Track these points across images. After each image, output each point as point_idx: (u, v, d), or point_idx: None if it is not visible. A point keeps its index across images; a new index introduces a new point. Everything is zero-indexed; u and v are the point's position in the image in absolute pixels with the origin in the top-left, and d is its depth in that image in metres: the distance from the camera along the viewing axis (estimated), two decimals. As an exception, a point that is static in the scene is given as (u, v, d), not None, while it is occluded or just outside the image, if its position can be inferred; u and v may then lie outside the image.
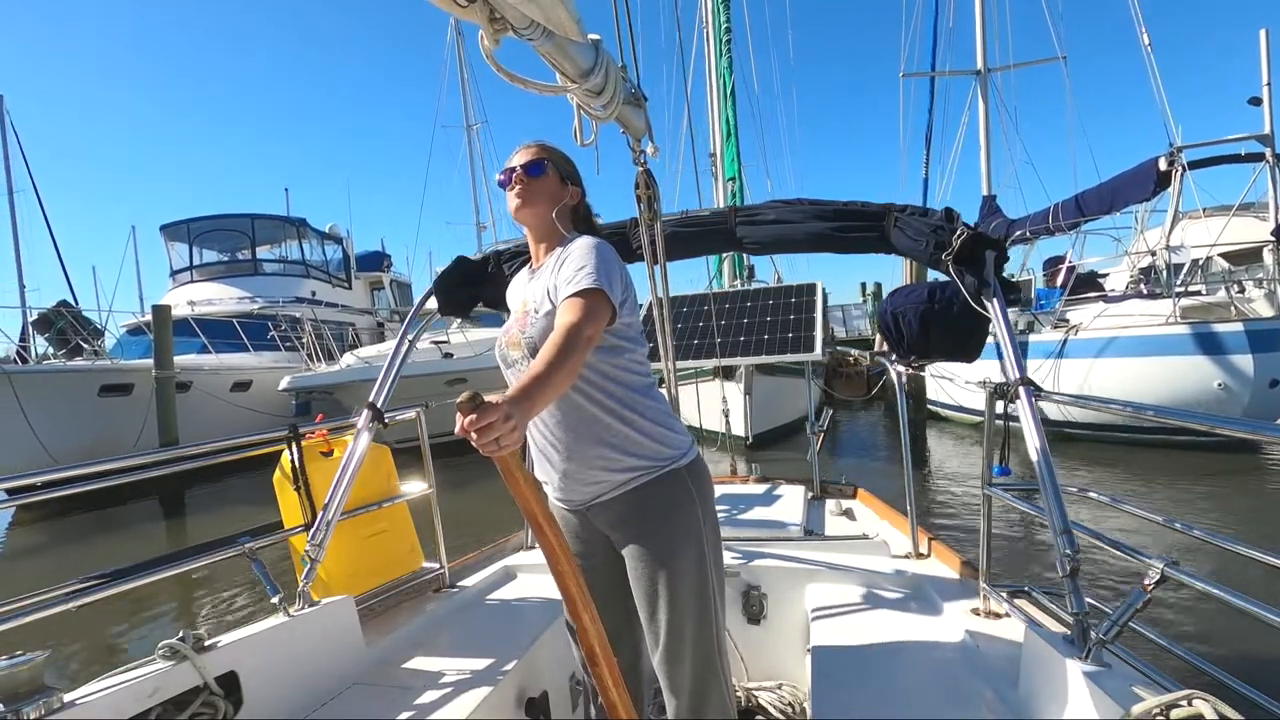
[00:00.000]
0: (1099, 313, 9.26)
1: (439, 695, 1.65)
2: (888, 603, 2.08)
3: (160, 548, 7.67)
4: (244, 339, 13.27)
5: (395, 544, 2.32)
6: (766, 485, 3.47)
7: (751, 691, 2.23)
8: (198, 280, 16.34)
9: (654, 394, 1.49)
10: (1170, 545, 4.54)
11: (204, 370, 11.96)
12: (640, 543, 1.43)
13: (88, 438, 9.92)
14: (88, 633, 4.73)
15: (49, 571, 7.04)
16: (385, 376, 2.22)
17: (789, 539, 2.62)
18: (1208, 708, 1.01)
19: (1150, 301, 8.95)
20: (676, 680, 1.43)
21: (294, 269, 17.41)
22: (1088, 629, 1.34)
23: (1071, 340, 9.16)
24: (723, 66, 11.79)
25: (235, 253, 17.25)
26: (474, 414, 0.95)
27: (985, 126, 14.34)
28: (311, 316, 14.36)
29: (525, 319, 1.43)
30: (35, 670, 1.26)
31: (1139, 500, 6.39)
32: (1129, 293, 9.70)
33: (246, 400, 12.40)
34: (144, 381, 10.38)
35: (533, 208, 1.49)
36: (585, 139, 1.74)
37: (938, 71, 14.98)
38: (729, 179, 12.08)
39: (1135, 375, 8.49)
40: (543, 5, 1.28)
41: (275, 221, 17.66)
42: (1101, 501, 1.72)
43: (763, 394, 9.83)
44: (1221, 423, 1.33)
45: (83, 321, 11.82)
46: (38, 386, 9.50)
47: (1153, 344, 8.46)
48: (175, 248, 16.90)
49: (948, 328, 2.05)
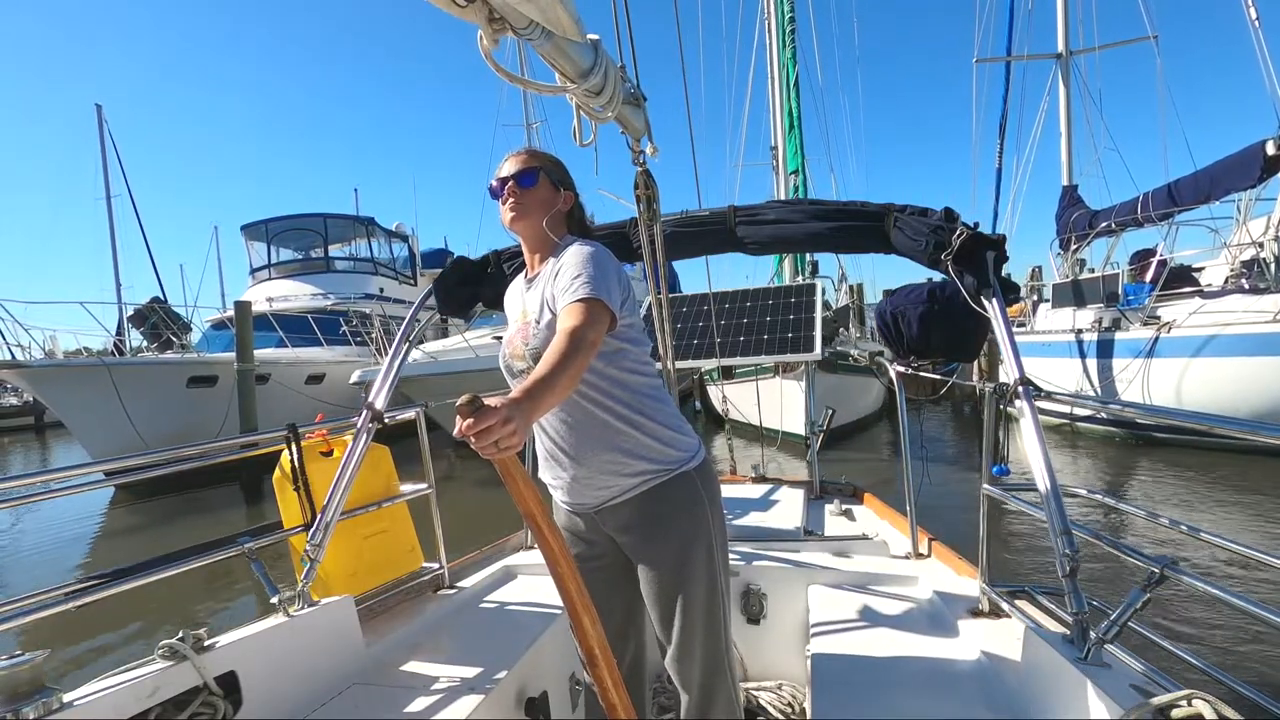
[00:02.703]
0: (1195, 309, 8.61)
1: (438, 695, 1.64)
2: (888, 603, 2.08)
3: (240, 526, 8.11)
4: (317, 334, 13.88)
5: (395, 544, 2.31)
6: (767, 486, 3.47)
7: (751, 691, 2.22)
8: (275, 277, 17.21)
9: (661, 396, 1.48)
10: (1169, 545, 4.51)
11: (281, 363, 12.55)
12: (652, 545, 1.43)
13: (177, 425, 10.56)
14: (88, 633, 4.79)
15: (146, 546, 7.53)
16: (384, 376, 2.22)
17: (789, 539, 2.62)
18: (1207, 708, 1.01)
19: (1254, 297, 8.25)
20: (687, 679, 1.45)
21: (363, 266, 18.12)
22: (1087, 629, 1.34)
23: (1164, 338, 8.56)
24: (786, 57, 11.54)
25: (309, 251, 18.07)
26: (473, 417, 0.95)
27: (1066, 113, 13.56)
28: (380, 312, 14.89)
29: (527, 329, 1.44)
30: (35, 670, 1.25)
31: (1141, 500, 6.05)
32: (1229, 288, 8.98)
33: (320, 392, 12.97)
34: (227, 373, 10.97)
35: (526, 219, 1.48)
36: (584, 139, 1.74)
37: (1014, 56, 14.27)
38: (791, 172, 11.82)
39: (1236, 376, 7.87)
40: (541, 5, 1.28)
41: (346, 221, 18.43)
42: (1101, 501, 1.74)
43: (824, 391, 9.60)
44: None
45: (173, 317, 12.61)
46: (133, 378, 10.17)
47: (1257, 343, 7.80)
48: (254, 246, 17.84)
49: (947, 327, 2.07)
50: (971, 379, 10.21)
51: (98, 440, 10.19)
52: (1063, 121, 13.63)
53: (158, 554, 1.59)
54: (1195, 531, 1.36)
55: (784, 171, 12.12)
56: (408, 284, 19.50)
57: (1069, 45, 13.60)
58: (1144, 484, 7.29)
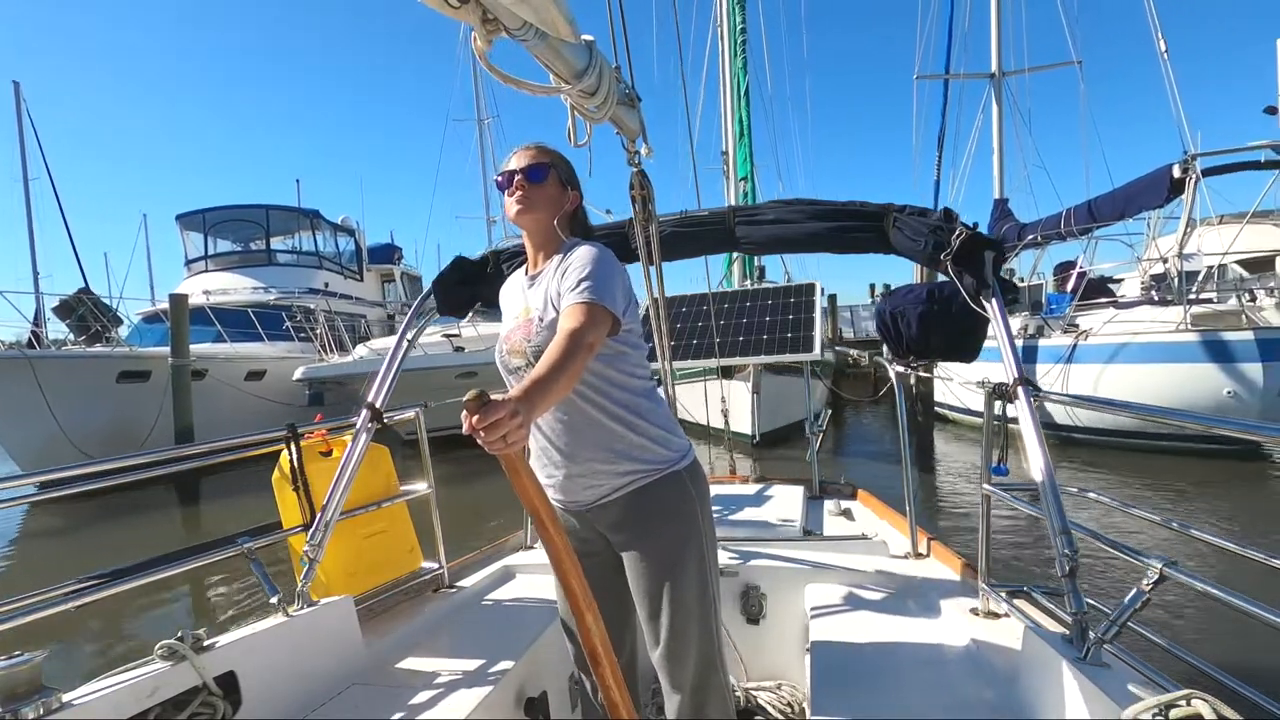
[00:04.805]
0: (1109, 318, 9.27)
1: (438, 695, 1.65)
2: (887, 603, 2.08)
3: (175, 532, 7.81)
4: (259, 328, 13.43)
5: (394, 544, 2.31)
6: (766, 485, 3.45)
7: (750, 691, 2.22)
8: (212, 270, 16.53)
9: (655, 397, 1.51)
10: (1168, 545, 4.54)
11: (219, 359, 12.10)
12: (642, 544, 1.45)
13: (105, 422, 10.08)
14: (88, 633, 4.73)
15: (68, 553, 7.19)
16: (384, 376, 2.21)
17: (788, 539, 2.61)
18: (1206, 708, 1.01)
19: (1161, 308, 8.95)
20: (678, 678, 1.45)
21: (307, 260, 17.58)
22: (1087, 629, 1.35)
23: (1081, 345, 9.19)
24: (737, 67, 11.82)
25: (249, 243, 17.42)
26: (481, 412, 0.95)
27: (999, 130, 14.32)
28: (325, 307, 14.50)
29: (529, 326, 1.44)
30: (34, 670, 1.25)
31: (1139, 501, 6.48)
32: (1140, 299, 9.70)
33: (260, 389, 12.55)
34: (161, 369, 10.51)
35: (533, 214, 1.48)
36: (579, 140, 1.73)
37: (952, 74, 14.94)
38: (741, 178, 12.12)
39: (1144, 382, 8.51)
40: (535, 6, 1.27)
41: (289, 212, 17.83)
42: (1100, 502, 1.73)
43: (770, 393, 9.89)
44: (1221, 423, 1.36)
45: (103, 308, 12.00)
46: (59, 371, 9.66)
47: (1163, 351, 8.47)
48: (190, 237, 17.09)
49: (946, 328, 2.05)
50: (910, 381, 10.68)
51: (18, 438, 9.65)
52: (995, 138, 14.38)
53: (82, 557, 1.57)
54: (1186, 528, 1.36)
55: (734, 177, 12.42)
56: (354, 279, 19.03)
57: (1002, 66, 14.36)
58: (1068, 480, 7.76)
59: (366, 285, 19.84)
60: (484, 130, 23.77)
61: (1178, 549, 4.60)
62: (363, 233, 20.50)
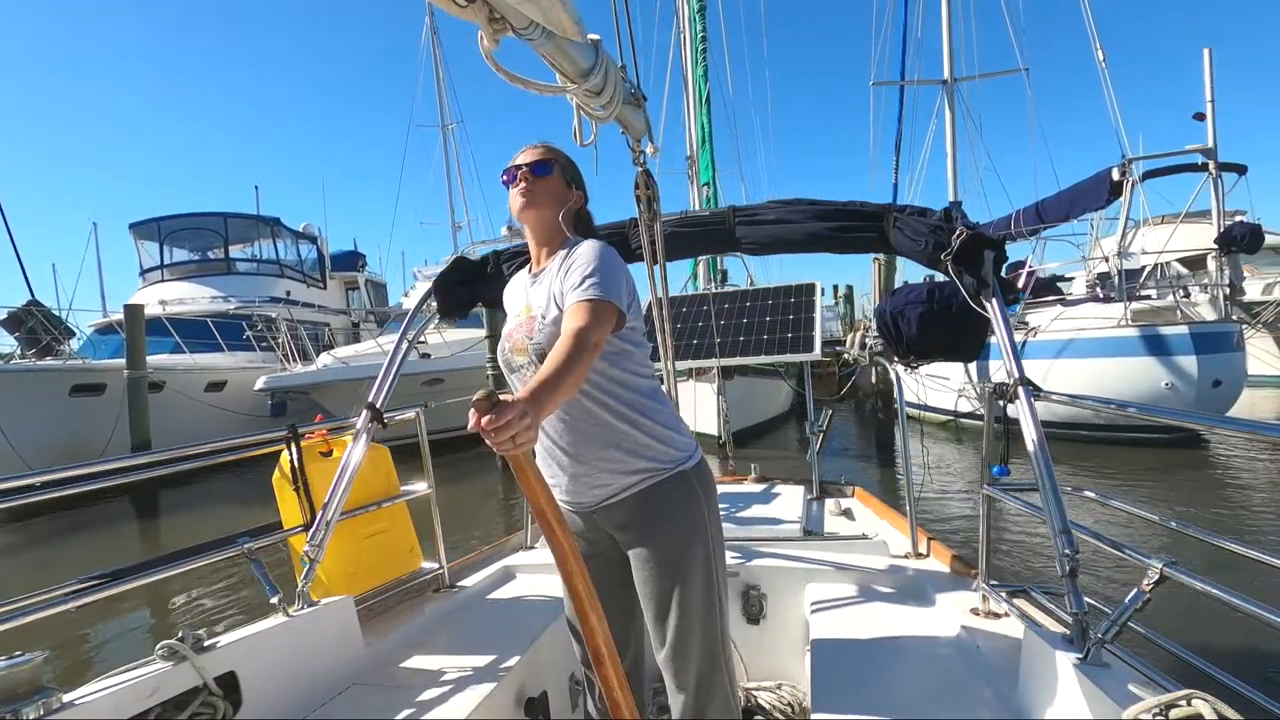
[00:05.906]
0: (1056, 315, 9.70)
1: (438, 695, 1.64)
2: (887, 602, 2.08)
3: (134, 546, 7.65)
4: (218, 339, 13.18)
5: (395, 544, 2.31)
6: (766, 485, 3.44)
7: (751, 691, 2.21)
8: (169, 279, 16.16)
9: (659, 396, 1.49)
10: (1168, 544, 4.55)
11: (177, 370, 11.85)
12: (649, 544, 1.43)
13: (59, 438, 9.78)
14: (88, 633, 4.70)
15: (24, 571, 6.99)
16: (384, 376, 2.21)
17: (788, 539, 2.60)
18: (1207, 708, 1.01)
19: (1104, 305, 9.40)
20: (683, 678, 1.43)
21: (268, 268, 17.28)
22: (1087, 629, 1.34)
23: (1031, 342, 9.58)
24: (698, 74, 12.01)
25: (207, 252, 17.06)
26: (491, 412, 0.95)
27: (951, 134, 14.78)
28: (287, 316, 14.27)
29: (531, 324, 1.43)
30: (34, 670, 1.25)
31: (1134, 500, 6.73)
32: (1086, 296, 10.16)
33: (221, 400, 12.30)
34: (116, 381, 10.28)
35: (537, 209, 1.47)
36: (585, 139, 1.73)
37: (907, 80, 15.37)
38: (704, 184, 12.31)
39: (1090, 375, 8.91)
40: (542, 5, 1.28)
41: (248, 220, 17.50)
42: (1101, 501, 1.71)
43: (735, 395, 10.07)
44: (1222, 423, 1.47)
45: (54, 321, 11.64)
46: (8, 386, 9.36)
47: (1106, 346, 8.90)
48: (145, 246, 16.67)
49: (946, 328, 2.06)
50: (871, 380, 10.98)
51: (-38, 455, 9.30)
52: (949, 142, 14.84)
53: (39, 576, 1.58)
54: (1185, 527, 1.37)
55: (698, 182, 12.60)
56: (316, 287, 18.75)
57: (954, 73, 14.84)
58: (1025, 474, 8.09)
59: (330, 293, 19.56)
60: (448, 136, 23.58)
61: (1177, 550, 4.55)
62: (325, 240, 20.20)
